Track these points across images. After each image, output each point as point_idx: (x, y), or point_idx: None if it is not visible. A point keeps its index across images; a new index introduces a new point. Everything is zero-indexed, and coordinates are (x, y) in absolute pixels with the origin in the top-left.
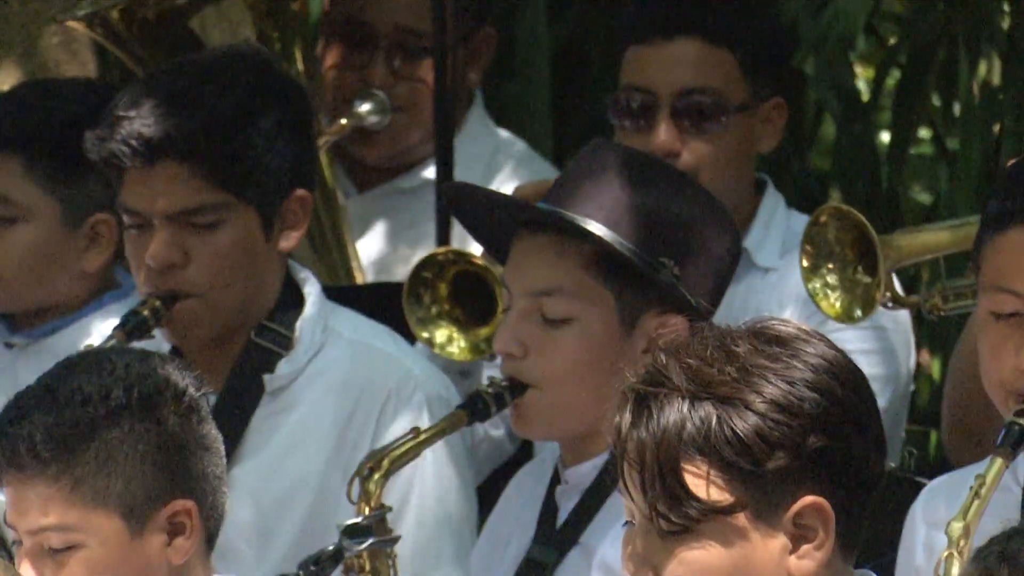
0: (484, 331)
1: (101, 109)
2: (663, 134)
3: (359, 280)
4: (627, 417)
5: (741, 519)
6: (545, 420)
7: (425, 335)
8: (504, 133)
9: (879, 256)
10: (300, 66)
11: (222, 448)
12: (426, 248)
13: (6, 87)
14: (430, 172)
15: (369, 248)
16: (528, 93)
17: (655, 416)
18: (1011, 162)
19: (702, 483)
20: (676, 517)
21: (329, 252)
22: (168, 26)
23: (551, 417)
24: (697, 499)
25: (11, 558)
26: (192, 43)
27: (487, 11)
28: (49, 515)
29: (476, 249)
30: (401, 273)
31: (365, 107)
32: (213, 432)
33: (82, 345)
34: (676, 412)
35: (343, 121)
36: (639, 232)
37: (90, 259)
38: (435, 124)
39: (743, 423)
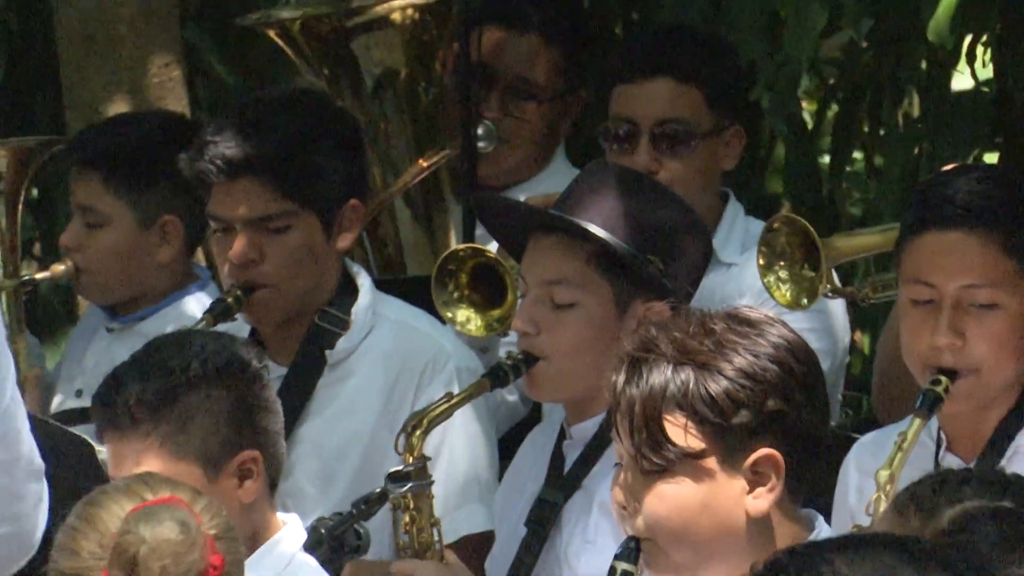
0: (496, 312)
1: (170, 134)
2: (644, 155)
3: None
4: (621, 376)
5: (710, 463)
6: (553, 386)
7: (448, 315)
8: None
9: (822, 255)
10: (434, 95)
11: (280, 409)
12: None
13: None
14: (519, 192)
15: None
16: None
17: (644, 376)
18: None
19: (680, 432)
20: (657, 459)
21: (437, 242)
22: (336, 43)
23: (558, 384)
24: (675, 445)
25: None
26: (350, 60)
27: (583, 80)
28: (141, 466)
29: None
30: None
31: (481, 133)
32: (273, 396)
33: (168, 328)
34: (661, 374)
35: (453, 145)
36: (631, 234)
37: (162, 254)
38: (462, 149)
39: (715, 385)
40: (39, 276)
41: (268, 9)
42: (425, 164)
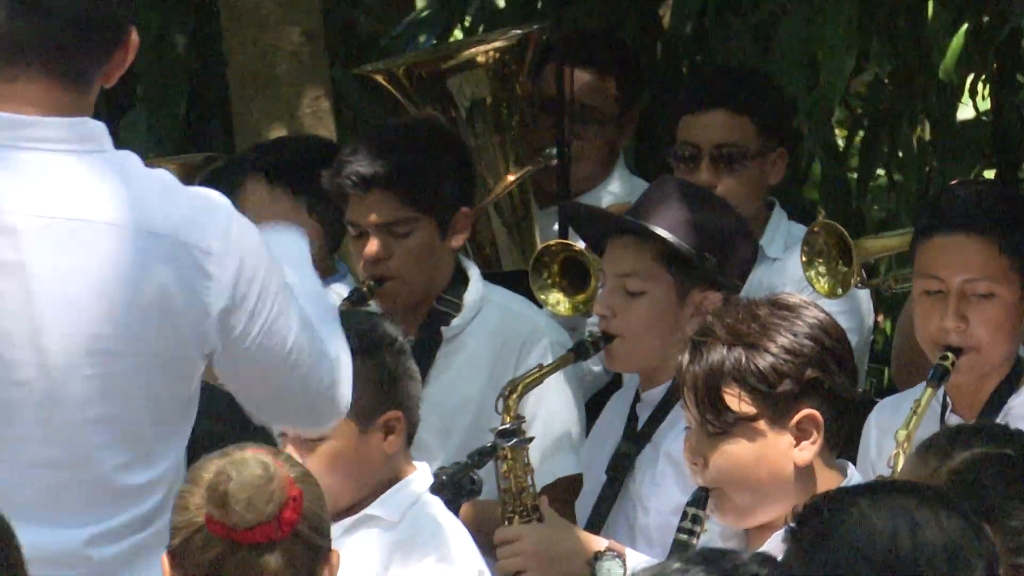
0: (580, 297)
1: (320, 152)
2: (704, 173)
3: None
4: (686, 357)
5: (761, 424)
6: (626, 360)
7: (543, 298)
8: (641, 182)
9: (853, 254)
10: (515, 121)
11: (419, 376)
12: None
13: None
14: (589, 198)
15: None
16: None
17: (704, 356)
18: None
19: (735, 400)
20: (718, 423)
21: (524, 241)
22: (434, 82)
23: (630, 358)
24: (732, 411)
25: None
26: (447, 95)
27: (634, 103)
28: None
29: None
30: None
31: (552, 153)
32: (413, 365)
33: None
34: (718, 354)
35: (539, 160)
36: (691, 236)
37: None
38: (558, 169)
39: (763, 361)
40: None
41: (380, 61)
42: (511, 178)
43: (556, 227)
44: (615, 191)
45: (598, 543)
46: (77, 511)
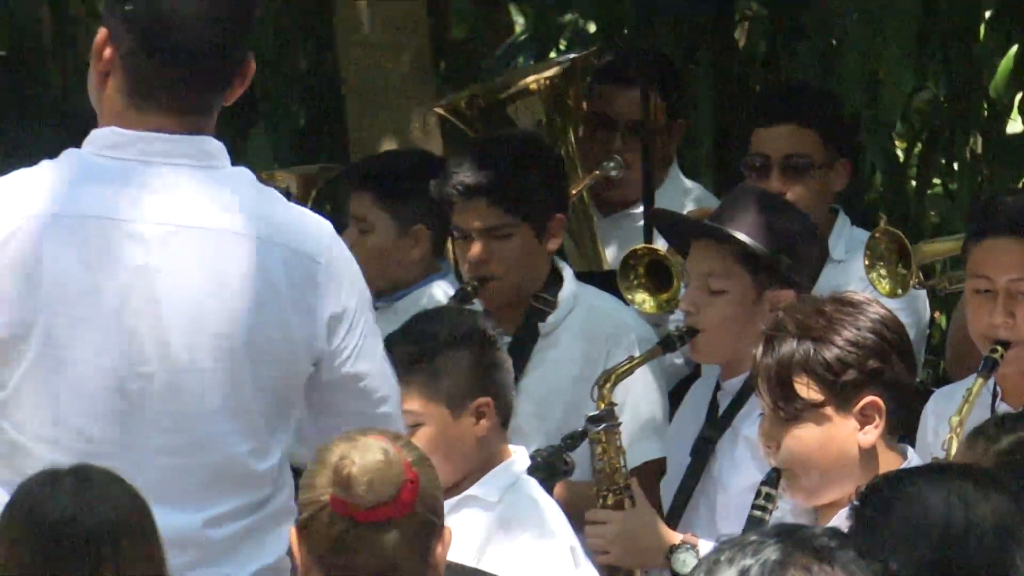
0: (664, 296)
1: (424, 165)
2: (775, 182)
3: (605, 266)
4: (760, 349)
5: (828, 410)
6: (709, 351)
7: (630, 297)
8: (689, 182)
9: (912, 258)
10: (572, 138)
11: (510, 365)
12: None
13: None
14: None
15: (610, 248)
16: (702, 155)
17: (776, 349)
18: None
19: (804, 389)
20: (789, 410)
21: (587, 249)
22: (493, 112)
23: (712, 350)
24: (801, 399)
25: None
26: (507, 123)
27: (681, 110)
28: (406, 405)
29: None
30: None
31: (609, 165)
32: (504, 356)
33: (418, 305)
34: (789, 346)
35: (596, 172)
36: (766, 239)
37: (415, 253)
38: (643, 180)
39: (829, 353)
40: None
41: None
42: (572, 191)
43: (614, 233)
44: (669, 195)
45: (675, 536)
46: (196, 495)
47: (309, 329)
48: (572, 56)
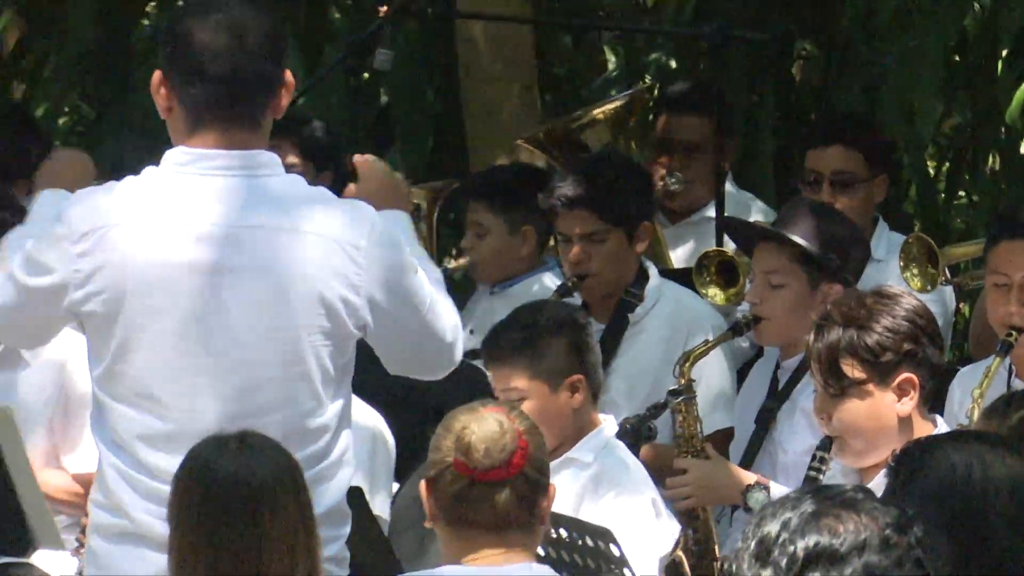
0: (732, 290)
1: (531, 177)
2: (825, 194)
3: (670, 265)
4: (812, 336)
5: (870, 387)
6: (771, 336)
7: (703, 291)
8: (746, 193)
9: (940, 259)
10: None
11: (598, 348)
12: (706, 247)
13: None
14: (707, 212)
15: (676, 251)
16: (764, 173)
17: (825, 335)
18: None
19: (850, 369)
20: (837, 387)
21: (655, 250)
22: (570, 138)
23: (774, 335)
24: (847, 377)
25: None
26: (583, 148)
27: (731, 134)
28: (511, 383)
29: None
30: (690, 262)
31: (671, 181)
32: (594, 340)
33: (529, 292)
34: (836, 333)
35: (660, 187)
36: (819, 241)
37: (524, 250)
38: (715, 192)
39: (870, 339)
40: (451, 266)
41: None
42: None
43: (681, 239)
44: (730, 206)
45: (749, 477)
46: None
47: (353, 304)
48: (631, 91)
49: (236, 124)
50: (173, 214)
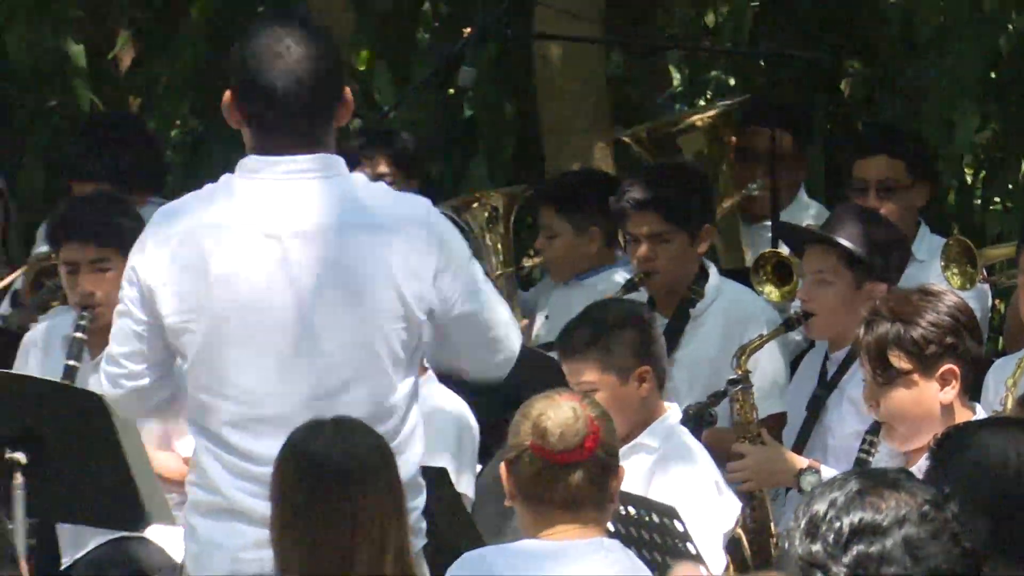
0: (786, 288)
1: (598, 182)
2: (872, 200)
3: (746, 263)
4: (862, 329)
5: (915, 377)
6: (821, 330)
7: (760, 289)
8: (811, 201)
9: (978, 260)
10: (724, 165)
11: (663, 340)
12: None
13: None
14: (784, 216)
15: (753, 250)
16: (816, 181)
17: (874, 329)
18: None
19: (897, 360)
20: (884, 377)
21: (733, 247)
22: (666, 141)
23: (823, 328)
24: (894, 368)
25: None
26: (676, 151)
27: (809, 147)
28: (583, 375)
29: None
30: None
31: (752, 187)
32: (659, 333)
33: (600, 286)
34: (884, 328)
35: (743, 192)
36: (864, 243)
37: (592, 247)
38: (771, 200)
39: (915, 332)
40: (528, 264)
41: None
42: (725, 204)
43: (759, 237)
44: (795, 211)
45: (801, 461)
46: None
47: (418, 289)
48: (727, 103)
49: (303, 138)
50: (248, 215)
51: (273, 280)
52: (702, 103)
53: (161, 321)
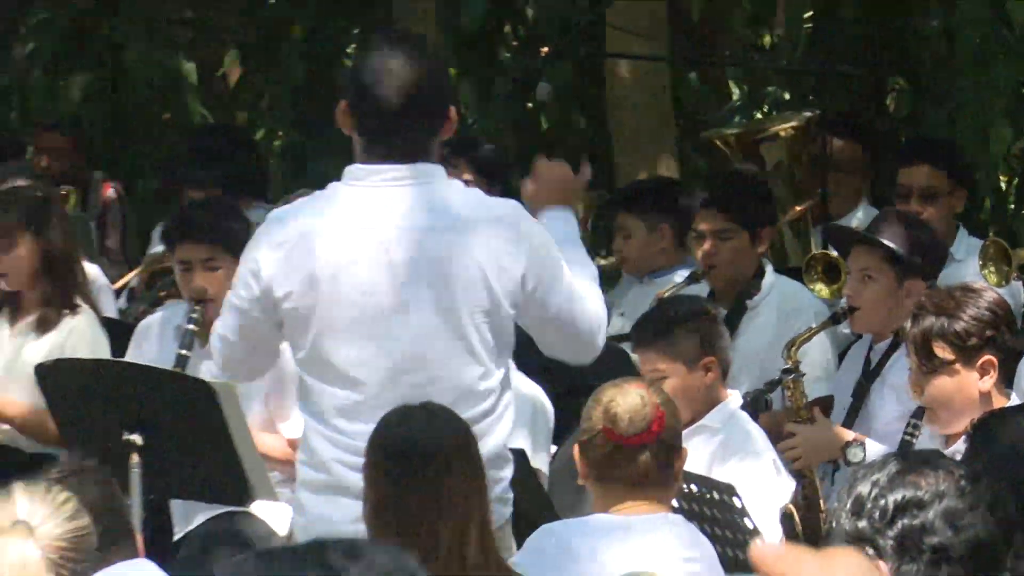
0: (835, 286)
1: (662, 185)
2: (914, 205)
3: None
4: (909, 323)
5: (957, 367)
6: (865, 324)
7: (811, 286)
8: (872, 208)
9: (1012, 259)
10: (798, 175)
11: (727, 333)
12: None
13: None
14: (847, 220)
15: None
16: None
17: (919, 322)
18: None
19: (940, 351)
20: (929, 366)
21: (804, 246)
22: (750, 146)
23: (867, 322)
24: (938, 358)
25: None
26: (758, 155)
27: (876, 159)
28: (655, 366)
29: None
30: None
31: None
32: (722, 327)
33: (671, 282)
34: (928, 321)
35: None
36: (907, 245)
37: (662, 244)
38: (820, 204)
39: (958, 325)
40: (603, 263)
41: (718, 128)
42: (798, 208)
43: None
44: (860, 217)
45: (848, 435)
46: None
47: (507, 284)
48: (807, 114)
49: (406, 151)
50: (353, 220)
51: (374, 277)
52: (758, 115)
53: (273, 316)
